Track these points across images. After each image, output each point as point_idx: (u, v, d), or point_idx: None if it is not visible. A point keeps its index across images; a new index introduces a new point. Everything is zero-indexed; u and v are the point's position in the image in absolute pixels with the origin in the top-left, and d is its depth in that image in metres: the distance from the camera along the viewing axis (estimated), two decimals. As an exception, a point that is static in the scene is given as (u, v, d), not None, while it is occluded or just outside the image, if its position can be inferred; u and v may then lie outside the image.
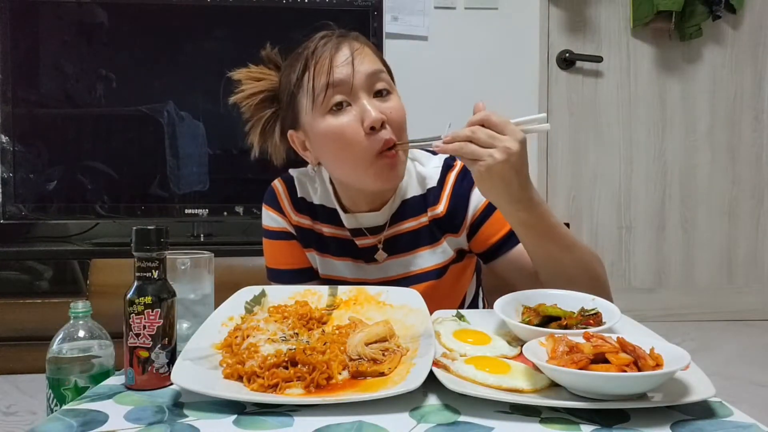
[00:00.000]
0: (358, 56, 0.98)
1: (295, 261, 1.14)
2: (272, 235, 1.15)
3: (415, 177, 1.10)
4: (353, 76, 0.96)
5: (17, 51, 2.22)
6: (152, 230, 0.73)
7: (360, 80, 0.97)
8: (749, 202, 2.96)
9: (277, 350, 0.71)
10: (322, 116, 0.98)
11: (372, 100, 0.97)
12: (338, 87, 0.96)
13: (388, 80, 1.01)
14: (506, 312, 0.86)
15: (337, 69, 0.96)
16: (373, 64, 1.00)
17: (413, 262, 1.09)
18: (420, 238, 1.08)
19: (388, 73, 1.04)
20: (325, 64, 0.96)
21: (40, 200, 2.23)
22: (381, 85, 0.99)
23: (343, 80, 0.96)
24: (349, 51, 0.98)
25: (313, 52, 0.99)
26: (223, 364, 0.72)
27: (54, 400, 0.87)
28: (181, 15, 2.28)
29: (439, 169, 1.10)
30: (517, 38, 2.78)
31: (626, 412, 0.62)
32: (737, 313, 2.89)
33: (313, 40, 1.01)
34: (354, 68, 0.96)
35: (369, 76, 0.98)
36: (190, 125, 2.28)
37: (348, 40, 1.00)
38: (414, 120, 0.99)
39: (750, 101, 2.93)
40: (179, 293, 0.77)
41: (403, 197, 1.09)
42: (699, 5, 2.73)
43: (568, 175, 2.87)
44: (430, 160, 1.12)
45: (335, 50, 0.98)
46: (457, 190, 1.07)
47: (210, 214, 2.28)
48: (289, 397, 0.66)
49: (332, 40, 0.99)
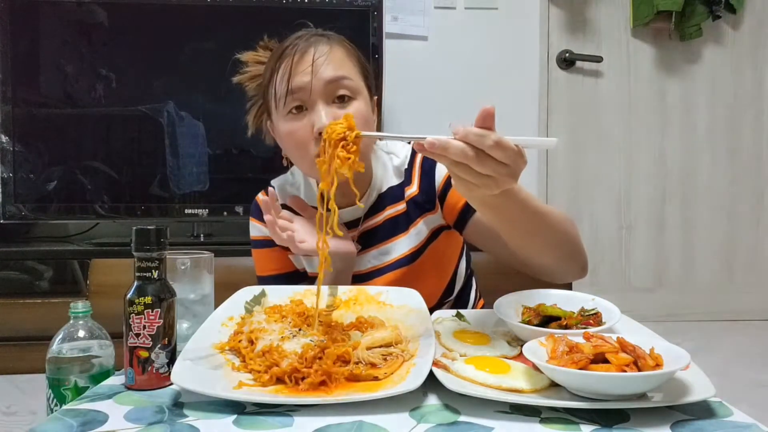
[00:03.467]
0: (321, 62, 0.99)
1: (282, 266, 1.17)
2: (259, 244, 1.18)
3: (392, 169, 1.13)
4: (311, 83, 0.98)
5: (17, 51, 2.22)
6: (152, 230, 0.73)
7: (318, 88, 0.99)
8: (749, 202, 2.96)
9: (304, 345, 0.72)
10: (282, 118, 1.02)
11: (328, 108, 0.99)
12: (297, 93, 0.99)
13: (352, 85, 1.01)
14: (506, 312, 0.86)
15: (297, 77, 0.99)
16: (337, 69, 1.00)
17: (388, 251, 1.10)
18: (397, 226, 1.11)
19: (363, 73, 1.06)
20: (287, 73, 0.99)
21: (40, 200, 2.23)
22: (342, 91, 1.00)
23: (302, 87, 0.99)
24: (312, 57, 0.99)
25: (281, 55, 1.02)
26: (236, 369, 0.72)
27: (54, 400, 0.87)
28: (181, 15, 2.28)
29: (409, 152, 1.14)
30: (517, 38, 2.78)
31: (626, 412, 0.62)
32: (737, 313, 2.89)
33: (288, 39, 1.04)
34: (313, 75, 0.98)
35: (328, 84, 0.99)
36: (190, 125, 2.28)
37: (317, 44, 1.02)
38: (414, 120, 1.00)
39: (750, 101, 2.93)
40: (179, 293, 0.77)
41: (380, 190, 1.12)
42: (699, 5, 2.73)
43: (568, 175, 2.86)
44: (403, 148, 1.16)
45: (299, 56, 1.00)
46: (425, 166, 1.11)
47: (210, 214, 2.27)
48: (289, 397, 0.66)
49: (301, 44, 1.01)
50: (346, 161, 0.82)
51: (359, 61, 1.07)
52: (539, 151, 2.82)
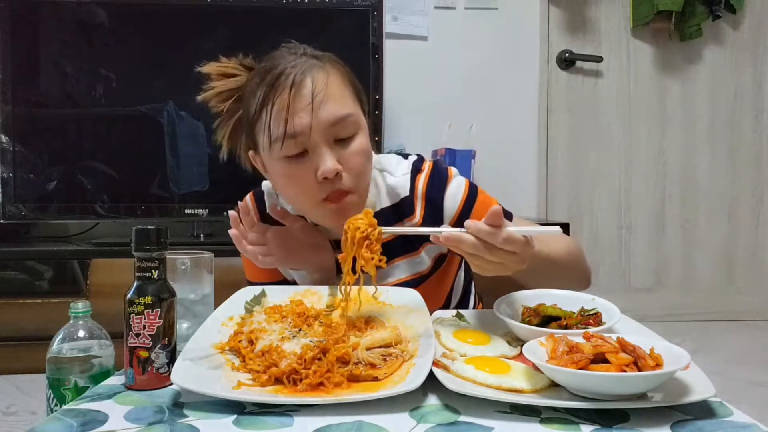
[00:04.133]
0: (320, 99, 0.90)
1: (271, 275, 1.11)
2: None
3: (385, 189, 1.05)
4: (311, 126, 0.89)
5: (17, 51, 2.22)
6: (152, 230, 0.73)
7: (320, 130, 0.90)
8: (749, 202, 2.96)
9: (304, 345, 0.72)
10: (277, 159, 0.93)
11: (330, 150, 0.92)
12: (297, 138, 0.90)
13: (354, 121, 0.94)
14: (506, 312, 0.86)
15: (296, 118, 0.89)
16: (339, 106, 0.92)
17: (389, 273, 1.05)
18: (393, 249, 1.03)
19: (358, 98, 0.98)
20: (283, 112, 0.89)
21: (40, 200, 2.23)
22: (344, 133, 0.93)
23: (302, 132, 0.90)
24: (310, 93, 0.90)
25: (273, 86, 0.91)
26: (236, 369, 0.72)
27: (54, 400, 0.87)
28: (181, 15, 2.28)
29: (408, 176, 1.04)
30: (517, 38, 2.78)
31: (626, 412, 0.62)
32: (737, 313, 2.89)
33: (276, 66, 0.92)
34: (313, 117, 0.89)
35: (330, 126, 0.91)
36: (190, 125, 2.28)
37: (312, 73, 0.91)
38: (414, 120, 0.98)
39: (750, 101, 2.93)
40: (179, 293, 0.77)
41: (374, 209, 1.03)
42: (699, 5, 2.73)
43: (568, 175, 2.86)
44: (399, 166, 1.07)
45: (296, 91, 0.90)
46: (431, 196, 1.03)
47: (210, 214, 2.28)
48: (289, 396, 0.66)
49: (294, 75, 0.90)
50: (371, 261, 0.83)
51: (353, 84, 0.98)
52: (539, 151, 2.82)
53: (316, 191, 0.93)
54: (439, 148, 2.53)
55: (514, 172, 2.76)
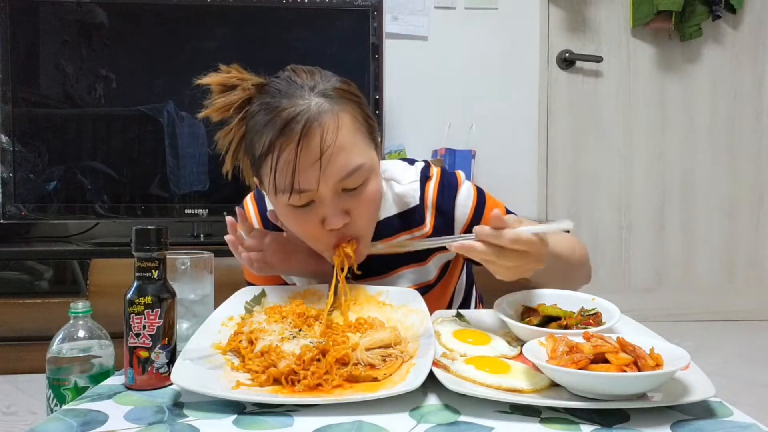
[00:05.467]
0: (330, 153, 0.84)
1: (269, 279, 1.08)
2: None
3: (391, 198, 1.03)
4: (318, 182, 0.85)
5: (17, 51, 2.22)
6: (152, 230, 0.73)
7: (327, 186, 0.86)
8: (749, 202, 2.96)
9: (303, 346, 0.72)
10: (284, 205, 0.90)
11: (339, 201, 0.88)
12: (304, 193, 0.86)
13: (365, 170, 0.88)
14: (506, 312, 0.86)
15: (302, 175, 0.84)
16: (348, 159, 0.86)
17: (393, 282, 1.03)
18: (400, 258, 1.01)
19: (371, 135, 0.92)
20: (290, 165, 0.84)
21: (40, 200, 2.23)
22: (354, 183, 0.88)
23: (308, 189, 0.86)
24: (318, 148, 0.84)
25: (280, 132, 0.84)
26: (236, 369, 0.72)
27: (54, 400, 0.87)
28: (181, 15, 2.28)
29: (417, 184, 1.02)
30: (517, 38, 2.78)
31: (626, 412, 0.62)
32: (737, 313, 2.89)
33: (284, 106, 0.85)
34: (321, 173, 0.85)
35: (338, 181, 0.86)
36: (190, 125, 2.28)
37: (322, 125, 0.84)
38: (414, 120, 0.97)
39: (750, 101, 2.93)
40: (179, 293, 0.78)
41: (378, 219, 1.00)
42: (699, 5, 2.73)
43: (568, 175, 2.86)
44: (405, 173, 1.04)
45: (304, 146, 0.83)
46: (441, 206, 1.01)
47: (210, 214, 2.28)
48: (288, 397, 0.66)
49: (302, 123, 0.83)
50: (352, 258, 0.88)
51: (366, 122, 0.92)
52: (539, 151, 2.82)
53: (323, 237, 0.91)
54: (439, 148, 2.53)
55: (514, 172, 2.76)
